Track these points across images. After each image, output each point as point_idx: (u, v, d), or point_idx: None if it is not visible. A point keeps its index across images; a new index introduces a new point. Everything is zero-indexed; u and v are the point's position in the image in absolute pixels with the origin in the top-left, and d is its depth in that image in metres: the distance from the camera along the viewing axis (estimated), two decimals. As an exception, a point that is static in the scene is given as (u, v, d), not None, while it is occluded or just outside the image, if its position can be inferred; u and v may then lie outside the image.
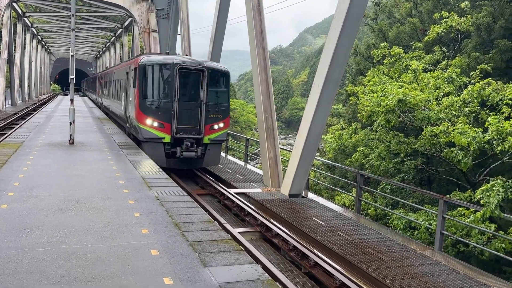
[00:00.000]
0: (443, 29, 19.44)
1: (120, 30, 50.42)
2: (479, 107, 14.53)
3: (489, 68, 16.50)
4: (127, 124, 16.42)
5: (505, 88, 14.04)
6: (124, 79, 16.79)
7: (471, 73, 16.62)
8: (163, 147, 13.37)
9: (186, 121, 13.44)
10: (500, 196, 9.86)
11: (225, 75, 14.26)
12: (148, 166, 11.34)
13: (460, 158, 12.70)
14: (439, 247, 9.56)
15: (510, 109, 13.36)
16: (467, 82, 16.22)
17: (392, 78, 17.52)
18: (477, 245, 10.84)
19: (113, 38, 57.14)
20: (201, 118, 13.57)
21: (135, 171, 10.46)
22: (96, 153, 12.61)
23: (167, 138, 13.30)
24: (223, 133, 14.20)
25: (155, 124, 13.23)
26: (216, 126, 13.85)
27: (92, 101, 45.49)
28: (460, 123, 13.46)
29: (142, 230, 6.19)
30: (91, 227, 6.16)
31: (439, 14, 19.91)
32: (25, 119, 25.13)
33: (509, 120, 12.59)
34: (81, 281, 4.51)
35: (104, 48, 69.40)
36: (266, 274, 5.19)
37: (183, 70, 13.33)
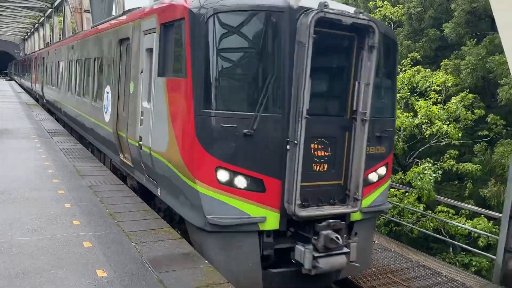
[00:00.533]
0: (377, 18, 20.13)
1: (50, 10, 47.43)
2: (409, 93, 15.27)
3: (419, 56, 17.31)
4: (122, 156, 8.31)
5: (433, 76, 14.86)
6: (114, 57, 8.84)
7: (403, 61, 17.36)
8: (258, 246, 5.65)
9: (320, 170, 5.83)
10: (432, 181, 10.68)
11: (394, 45, 6.85)
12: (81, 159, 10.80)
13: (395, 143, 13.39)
14: (373, 227, 10.01)
15: (437, 95, 14.20)
16: (399, 69, 16.97)
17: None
18: (407, 224, 11.52)
19: (43, 18, 53.66)
20: (355, 158, 5.95)
21: (66, 160, 9.95)
22: (24, 141, 11.85)
23: (272, 221, 5.60)
24: (386, 189, 6.73)
25: (240, 181, 5.42)
26: (374, 176, 6.43)
27: (27, 91, 36.72)
28: (393, 108, 14.11)
29: (74, 222, 5.91)
30: (17, 220, 5.79)
31: (373, 3, 20.54)
32: None
33: (437, 105, 13.40)
34: (4, 278, 4.21)
35: (33, 29, 65.09)
36: (206, 261, 5.15)
37: (325, 30, 5.49)
